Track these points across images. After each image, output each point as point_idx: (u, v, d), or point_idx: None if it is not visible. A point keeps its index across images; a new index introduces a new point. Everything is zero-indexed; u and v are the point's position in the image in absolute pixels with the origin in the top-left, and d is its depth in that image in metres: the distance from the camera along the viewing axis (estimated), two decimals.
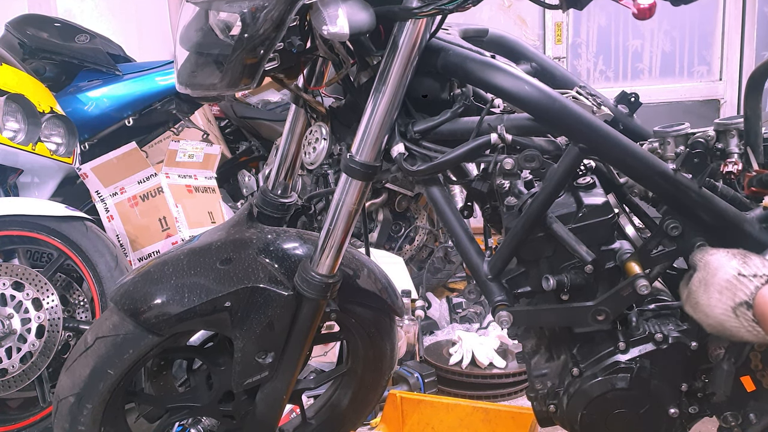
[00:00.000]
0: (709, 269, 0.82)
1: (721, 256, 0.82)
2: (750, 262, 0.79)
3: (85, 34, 2.80)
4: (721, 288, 0.78)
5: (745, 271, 0.77)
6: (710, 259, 0.83)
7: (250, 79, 0.96)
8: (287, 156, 1.27)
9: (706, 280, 0.81)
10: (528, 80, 1.00)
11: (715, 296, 0.79)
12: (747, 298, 0.75)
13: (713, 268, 0.81)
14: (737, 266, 0.79)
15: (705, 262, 0.84)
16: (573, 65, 3.89)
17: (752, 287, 0.76)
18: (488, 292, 1.05)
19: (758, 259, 0.79)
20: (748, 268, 0.78)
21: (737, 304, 0.76)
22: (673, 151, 1.01)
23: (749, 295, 0.75)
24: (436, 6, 0.94)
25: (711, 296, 0.79)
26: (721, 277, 0.79)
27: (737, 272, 0.78)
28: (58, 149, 2.33)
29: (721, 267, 0.80)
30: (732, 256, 0.81)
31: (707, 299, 0.80)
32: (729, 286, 0.78)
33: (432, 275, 2.97)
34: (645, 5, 0.88)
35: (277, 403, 1.23)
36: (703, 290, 0.81)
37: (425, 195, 1.11)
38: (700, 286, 0.82)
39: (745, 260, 0.79)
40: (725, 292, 0.78)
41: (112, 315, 1.17)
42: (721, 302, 0.78)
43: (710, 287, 0.80)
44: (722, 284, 0.78)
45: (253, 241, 1.17)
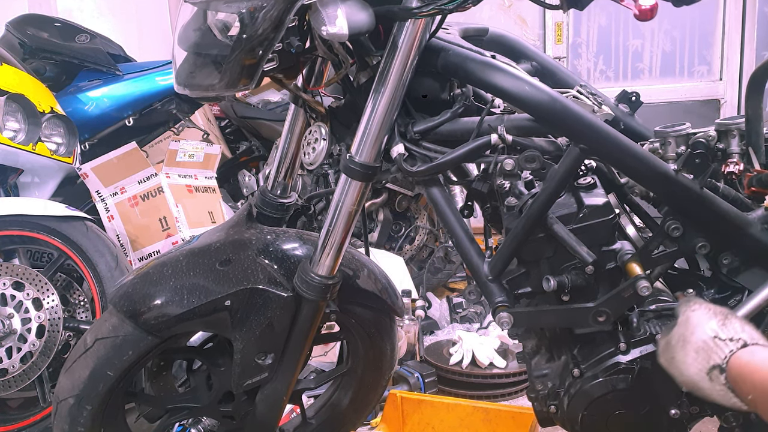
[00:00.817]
0: (688, 326, 0.82)
1: (701, 314, 0.82)
2: (729, 324, 0.78)
3: (85, 33, 2.80)
4: (698, 348, 0.78)
5: (723, 334, 0.77)
6: (691, 316, 0.83)
7: (249, 79, 0.96)
8: (287, 156, 1.27)
9: (685, 337, 0.81)
10: (528, 80, 1.00)
11: (691, 355, 0.79)
12: (721, 362, 0.75)
13: (692, 325, 0.81)
14: (715, 327, 0.78)
15: (686, 318, 0.83)
16: (573, 65, 3.88)
17: (727, 351, 0.75)
18: (488, 292, 1.05)
19: (738, 321, 0.79)
20: (726, 330, 0.77)
21: (711, 367, 0.76)
22: (674, 152, 1.01)
23: (723, 360, 0.75)
24: (436, 6, 0.94)
25: (687, 354, 0.79)
26: (699, 337, 0.79)
27: (714, 334, 0.78)
28: (58, 149, 2.33)
29: (699, 326, 0.80)
30: (712, 315, 0.81)
31: (683, 357, 0.80)
32: (705, 347, 0.77)
33: (432, 275, 2.97)
34: (647, 6, 0.88)
35: (277, 403, 1.23)
36: (680, 347, 0.81)
37: (425, 195, 1.11)
38: (678, 342, 0.82)
39: (724, 321, 0.79)
40: (701, 353, 0.77)
41: (112, 316, 1.17)
42: (696, 362, 0.78)
43: (687, 345, 0.79)
44: (699, 344, 0.78)
45: (252, 242, 1.17)
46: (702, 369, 0.77)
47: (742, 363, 0.73)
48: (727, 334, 0.77)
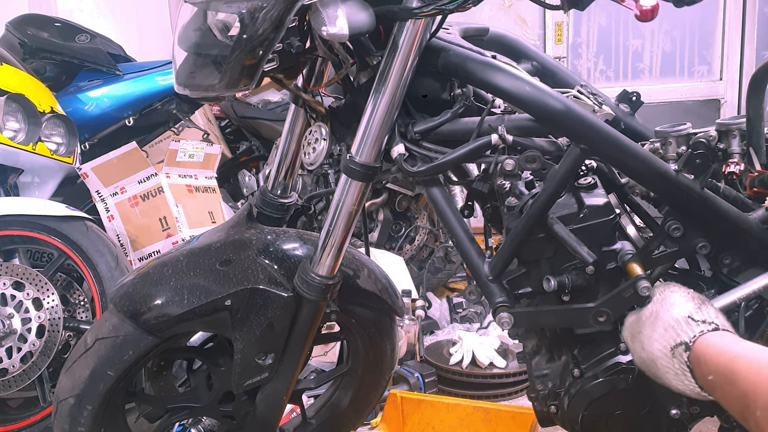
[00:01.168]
0: (664, 304, 0.83)
1: (679, 295, 0.83)
2: (704, 309, 0.79)
3: (85, 33, 2.80)
4: (668, 325, 0.79)
5: (697, 316, 0.78)
6: (668, 295, 0.84)
7: (249, 79, 0.96)
8: (287, 156, 1.27)
9: (658, 313, 0.82)
10: (529, 80, 1.00)
11: (659, 331, 0.79)
12: (689, 340, 0.76)
13: (668, 303, 0.82)
14: (691, 309, 0.79)
15: (663, 297, 0.84)
16: (573, 65, 3.88)
17: (697, 331, 0.76)
18: (489, 292, 1.04)
19: (713, 309, 0.80)
20: (700, 313, 0.78)
21: (678, 344, 0.77)
22: (674, 152, 1.00)
23: (691, 338, 0.76)
24: (437, 6, 0.94)
25: (656, 330, 0.80)
26: (672, 315, 0.80)
27: (689, 314, 0.78)
28: (58, 149, 2.33)
29: (675, 305, 0.81)
30: (690, 299, 0.82)
31: (651, 331, 0.81)
32: (677, 325, 0.78)
33: (432, 275, 2.97)
34: (647, 7, 0.88)
35: (277, 403, 1.23)
36: (650, 322, 0.82)
37: (426, 195, 1.11)
38: (649, 317, 0.83)
39: (700, 306, 0.80)
40: (670, 330, 0.78)
41: (112, 316, 1.17)
42: (663, 338, 0.79)
43: (659, 321, 0.80)
44: (671, 321, 0.79)
45: (252, 242, 1.17)
46: (667, 345, 0.78)
47: (709, 343, 0.74)
48: (701, 317, 0.78)
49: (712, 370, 0.72)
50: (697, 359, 0.74)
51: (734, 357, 0.69)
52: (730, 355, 0.70)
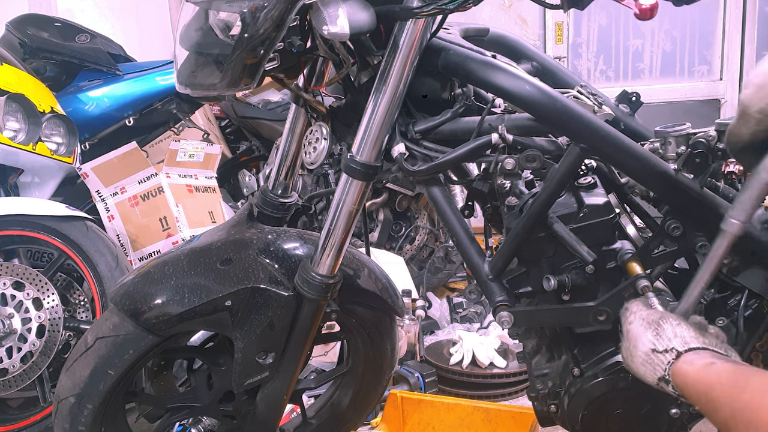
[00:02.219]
0: (630, 341, 0.84)
1: (636, 327, 0.83)
2: (662, 333, 0.80)
3: (85, 33, 2.80)
4: (643, 362, 0.80)
5: (659, 346, 0.78)
6: (630, 329, 0.84)
7: (251, 78, 0.96)
8: (287, 156, 1.27)
9: (630, 351, 0.83)
10: (529, 80, 1.00)
11: (640, 368, 0.81)
12: (664, 374, 0.77)
13: (633, 340, 0.83)
14: (651, 340, 0.80)
15: (626, 331, 0.85)
16: (573, 65, 3.89)
17: (665, 364, 0.77)
18: (489, 292, 1.05)
19: (670, 328, 0.80)
20: (660, 341, 0.79)
21: (658, 379, 0.78)
22: (674, 152, 1.01)
23: (664, 371, 0.77)
24: (437, 6, 0.94)
25: (638, 367, 0.81)
26: (641, 351, 0.81)
27: (652, 347, 0.79)
28: (58, 149, 2.33)
29: (638, 340, 0.82)
30: (647, 326, 0.82)
31: (636, 369, 0.82)
32: (648, 360, 0.79)
33: (432, 275, 2.97)
34: (647, 5, 0.88)
35: (277, 403, 1.23)
36: (631, 361, 0.83)
37: (426, 195, 1.11)
38: (628, 357, 0.84)
39: (657, 331, 0.80)
40: (647, 366, 0.79)
41: (113, 315, 1.17)
42: (646, 374, 0.80)
43: (635, 359, 0.81)
44: (643, 358, 0.80)
45: (253, 242, 1.17)
46: (653, 380, 0.79)
47: (681, 374, 0.75)
48: (662, 346, 0.78)
49: (695, 401, 0.73)
50: (680, 388, 0.75)
51: (709, 387, 0.70)
52: (705, 386, 0.71)
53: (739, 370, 0.69)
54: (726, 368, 0.70)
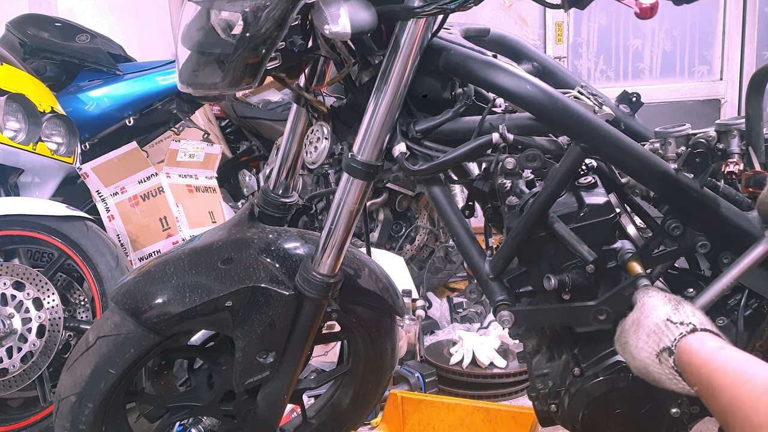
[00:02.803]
0: (643, 311, 0.83)
1: (656, 299, 0.83)
2: (682, 309, 0.79)
3: (85, 33, 2.80)
4: (650, 331, 0.79)
5: (675, 318, 0.78)
6: (646, 300, 0.84)
7: (252, 78, 0.96)
8: (288, 155, 1.27)
9: (639, 320, 0.82)
10: (529, 80, 1.00)
11: (643, 338, 0.79)
12: (671, 345, 0.76)
13: (647, 309, 0.82)
14: (669, 311, 0.79)
15: (641, 303, 0.84)
16: (574, 65, 3.89)
17: (677, 334, 0.76)
18: (489, 291, 1.05)
19: (690, 307, 0.80)
20: (678, 314, 0.78)
21: (661, 350, 0.76)
22: (674, 152, 1.01)
23: (673, 342, 0.76)
24: (438, 5, 0.94)
25: (640, 338, 0.80)
26: (652, 320, 0.79)
27: (667, 317, 0.78)
28: (58, 149, 2.33)
29: (654, 310, 0.81)
30: (667, 301, 0.81)
31: (636, 340, 0.81)
32: (657, 330, 0.78)
33: (433, 275, 2.97)
34: (647, 4, 0.88)
35: (278, 402, 1.23)
36: (633, 330, 0.82)
37: (426, 194, 1.11)
38: (632, 326, 0.83)
39: (677, 306, 0.80)
40: (653, 336, 0.78)
41: (113, 314, 1.17)
42: (648, 345, 0.78)
43: (641, 329, 0.80)
44: (652, 327, 0.79)
45: (254, 241, 1.17)
46: (653, 352, 0.77)
47: (691, 350, 0.73)
48: (679, 318, 0.77)
49: (696, 381, 0.71)
50: (682, 365, 0.74)
51: (714, 370, 0.68)
52: (711, 367, 0.69)
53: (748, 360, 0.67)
54: (736, 356, 0.69)
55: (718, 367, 0.68)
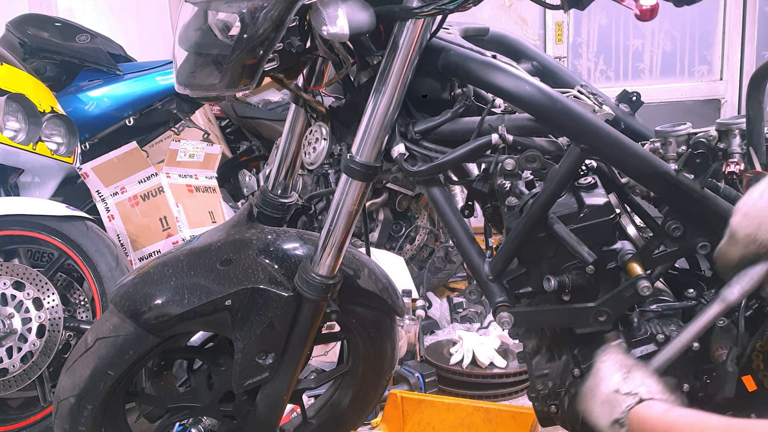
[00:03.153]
0: (596, 378, 0.84)
1: (608, 366, 0.84)
2: (631, 378, 0.81)
3: (85, 33, 2.80)
4: (603, 401, 0.80)
5: (623, 389, 0.79)
6: (600, 367, 0.85)
7: (250, 79, 0.96)
8: (287, 156, 1.27)
9: (593, 389, 0.84)
10: (529, 80, 1.00)
11: (597, 407, 0.81)
12: (620, 416, 0.77)
13: (599, 378, 0.83)
14: (618, 381, 0.80)
15: (596, 370, 0.86)
16: (574, 65, 3.88)
17: (624, 406, 0.77)
18: (489, 292, 1.05)
19: (639, 374, 0.81)
20: (626, 384, 0.80)
21: (613, 421, 0.78)
22: (674, 152, 1.00)
23: (622, 414, 0.77)
24: (437, 6, 0.94)
25: (596, 405, 0.81)
26: (603, 390, 0.81)
27: (616, 388, 0.80)
28: (58, 149, 2.33)
29: (604, 379, 0.82)
30: (617, 368, 0.83)
31: (594, 406, 0.82)
32: (608, 400, 0.80)
33: (433, 275, 2.97)
34: (647, 6, 0.88)
35: (277, 403, 1.23)
36: (590, 398, 0.83)
37: (426, 195, 1.11)
38: (589, 393, 0.84)
39: (627, 375, 0.81)
40: (605, 406, 0.80)
41: (113, 316, 1.17)
42: (602, 415, 0.80)
43: (596, 396, 0.82)
44: (603, 397, 0.81)
45: (253, 242, 1.17)
46: (606, 421, 0.79)
47: (640, 418, 0.75)
48: (627, 389, 0.79)
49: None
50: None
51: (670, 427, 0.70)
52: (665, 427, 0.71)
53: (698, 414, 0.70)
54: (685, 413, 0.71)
55: (673, 424, 0.70)
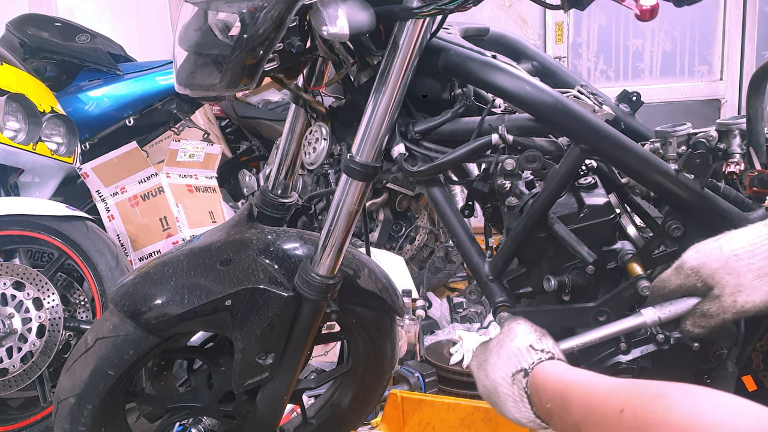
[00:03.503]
0: (509, 334, 0.86)
1: (523, 327, 0.86)
2: (545, 340, 0.83)
3: (85, 33, 2.80)
4: (512, 353, 0.82)
5: (537, 346, 0.81)
6: (513, 326, 0.87)
7: (250, 79, 0.96)
8: (287, 156, 1.27)
9: (503, 342, 0.85)
10: (529, 80, 1.00)
11: (503, 359, 0.82)
12: (528, 366, 0.79)
13: (513, 333, 0.85)
14: (533, 339, 0.83)
15: (509, 328, 0.87)
16: (574, 65, 3.89)
17: (536, 358, 0.80)
18: (489, 292, 1.04)
19: (552, 341, 0.83)
20: (540, 344, 0.82)
21: (518, 370, 0.80)
22: (674, 152, 1.00)
23: (530, 364, 0.79)
24: (437, 6, 0.94)
25: (500, 357, 0.83)
26: (516, 344, 0.83)
27: (530, 343, 0.82)
28: (58, 149, 2.33)
29: (519, 335, 0.84)
30: (533, 331, 0.85)
31: (496, 359, 0.84)
32: (518, 353, 0.82)
33: (433, 275, 2.97)
34: (647, 6, 0.88)
35: (277, 403, 1.23)
36: (496, 350, 0.85)
37: (426, 195, 1.11)
38: (496, 346, 0.86)
39: (542, 337, 0.83)
40: (513, 358, 0.81)
41: (112, 316, 1.17)
42: (506, 365, 0.82)
43: (503, 350, 0.84)
44: (514, 350, 0.82)
45: (253, 242, 1.17)
46: (509, 371, 0.80)
47: (546, 372, 0.77)
48: (541, 347, 0.81)
49: (549, 398, 0.74)
50: (536, 387, 0.77)
51: (568, 384, 0.72)
52: (565, 383, 0.73)
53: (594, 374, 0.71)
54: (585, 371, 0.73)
55: (571, 382, 0.72)
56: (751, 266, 0.74)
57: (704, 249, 0.79)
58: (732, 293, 0.75)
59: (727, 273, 0.75)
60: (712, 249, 0.78)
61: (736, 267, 0.75)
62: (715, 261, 0.76)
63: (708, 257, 0.78)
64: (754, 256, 0.75)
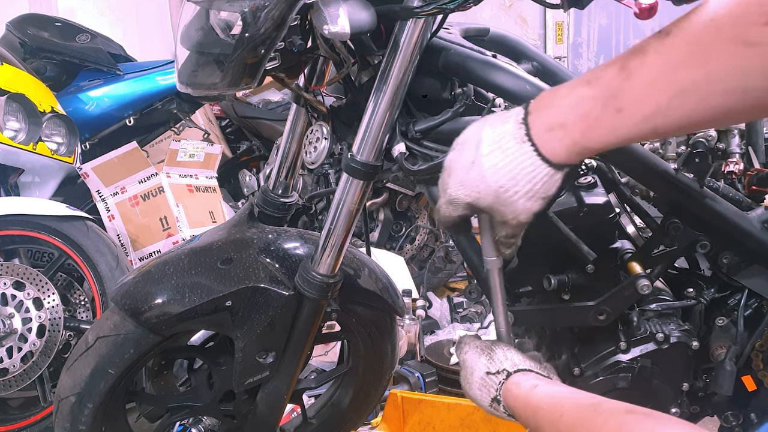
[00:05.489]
0: (466, 368, 0.87)
1: (471, 355, 0.87)
2: (495, 357, 0.84)
3: (85, 33, 2.80)
4: (479, 386, 0.84)
5: (492, 369, 0.83)
6: (465, 359, 0.88)
7: (251, 78, 0.96)
8: (288, 155, 1.27)
9: (467, 379, 0.86)
10: (529, 80, 1.00)
11: (477, 393, 0.84)
12: (496, 395, 0.81)
13: (469, 367, 0.86)
14: (485, 364, 0.84)
15: (462, 361, 0.89)
16: (574, 65, 3.89)
17: (497, 384, 0.81)
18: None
19: (501, 351, 0.84)
20: (493, 364, 0.83)
21: (491, 400, 0.82)
22: (674, 151, 1.01)
23: (496, 392, 0.81)
24: (438, 5, 0.94)
25: (475, 393, 0.85)
26: (476, 377, 0.84)
27: (486, 370, 0.83)
28: (59, 149, 2.33)
29: (473, 366, 0.85)
30: (480, 353, 0.86)
31: (474, 395, 0.85)
32: (483, 384, 0.83)
33: (433, 275, 2.97)
34: (646, 5, 0.88)
35: (278, 402, 1.23)
36: (469, 387, 0.86)
37: (426, 194, 1.11)
38: (466, 384, 0.87)
39: (490, 356, 0.84)
40: (483, 390, 0.83)
41: (113, 315, 1.17)
42: (482, 398, 0.83)
43: (472, 386, 0.85)
44: (479, 383, 0.84)
45: (253, 241, 1.17)
46: (486, 403, 0.83)
47: (511, 396, 0.79)
48: (495, 368, 0.82)
49: (525, 423, 0.76)
50: (511, 409, 0.79)
51: (535, 410, 0.73)
52: (531, 410, 0.74)
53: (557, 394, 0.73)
54: (547, 392, 0.74)
55: (537, 407, 0.73)
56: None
57: (466, 182, 0.77)
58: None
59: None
60: (473, 181, 0.76)
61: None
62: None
63: (476, 191, 0.76)
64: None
